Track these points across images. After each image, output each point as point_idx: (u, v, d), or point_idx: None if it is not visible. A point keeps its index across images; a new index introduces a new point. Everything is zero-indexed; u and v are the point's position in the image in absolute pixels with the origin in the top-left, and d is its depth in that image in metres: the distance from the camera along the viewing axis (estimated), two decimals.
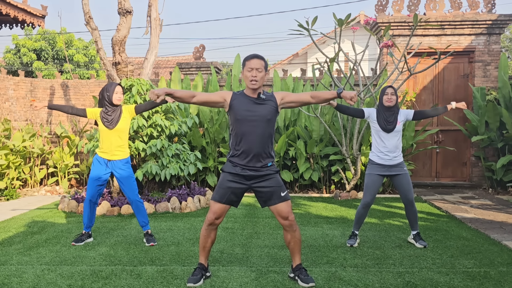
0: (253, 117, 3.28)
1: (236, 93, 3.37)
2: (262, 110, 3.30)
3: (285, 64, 19.53)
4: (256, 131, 3.28)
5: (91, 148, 6.44)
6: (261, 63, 3.28)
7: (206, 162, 8.17)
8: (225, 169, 3.40)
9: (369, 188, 4.44)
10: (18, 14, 8.32)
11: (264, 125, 3.30)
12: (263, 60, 3.31)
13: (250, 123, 3.28)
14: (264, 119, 3.29)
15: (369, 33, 7.18)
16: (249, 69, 3.28)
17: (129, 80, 6.63)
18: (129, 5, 6.92)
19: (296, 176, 8.23)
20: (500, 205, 6.73)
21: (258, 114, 3.29)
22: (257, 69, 3.27)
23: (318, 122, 7.94)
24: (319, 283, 3.43)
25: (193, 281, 3.37)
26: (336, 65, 13.47)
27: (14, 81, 9.46)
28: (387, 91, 4.41)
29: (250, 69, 3.28)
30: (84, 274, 3.64)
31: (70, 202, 6.45)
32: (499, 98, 8.14)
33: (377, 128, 4.42)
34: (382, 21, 8.50)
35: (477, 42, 8.58)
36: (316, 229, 5.23)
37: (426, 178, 8.87)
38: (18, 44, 18.38)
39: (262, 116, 3.29)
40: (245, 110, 3.29)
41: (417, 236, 4.53)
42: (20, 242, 4.70)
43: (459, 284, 3.39)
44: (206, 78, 9.24)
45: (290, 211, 3.36)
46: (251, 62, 3.28)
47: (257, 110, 3.29)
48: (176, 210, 6.37)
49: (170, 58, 21.90)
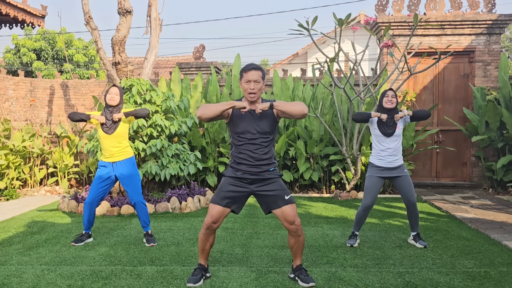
0: (253, 130, 3.26)
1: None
2: (262, 124, 3.27)
3: (285, 64, 19.52)
4: (257, 143, 3.26)
5: (91, 148, 6.44)
6: (258, 74, 3.22)
7: (206, 162, 8.16)
8: (226, 174, 3.38)
9: (369, 191, 4.44)
10: (18, 14, 8.32)
11: (264, 137, 3.28)
12: (260, 71, 3.25)
13: (250, 136, 3.26)
14: (263, 131, 3.27)
15: (369, 33, 7.18)
16: (247, 81, 3.22)
17: (129, 80, 6.63)
18: (129, 5, 6.92)
19: (296, 176, 8.22)
20: (500, 205, 6.72)
21: (258, 128, 3.26)
22: (255, 80, 3.21)
23: (318, 122, 7.94)
24: (319, 283, 3.42)
25: (193, 281, 3.36)
26: (336, 65, 13.48)
27: (14, 81, 9.45)
28: (387, 93, 4.45)
29: (247, 81, 3.22)
30: (84, 274, 3.63)
31: (70, 202, 6.45)
32: (499, 98, 8.13)
33: (377, 133, 4.43)
34: (382, 21, 8.49)
35: (477, 42, 8.58)
36: (316, 229, 5.22)
37: (426, 178, 8.86)
38: (18, 44, 18.37)
39: (262, 129, 3.27)
40: (245, 123, 3.26)
41: (417, 237, 4.53)
42: (20, 242, 4.69)
43: (459, 284, 3.39)
44: (206, 78, 9.23)
45: (295, 214, 3.30)
46: (248, 74, 3.22)
47: (256, 124, 3.26)
48: (176, 210, 6.36)
49: (170, 58, 21.90)
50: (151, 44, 7.40)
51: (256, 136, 3.26)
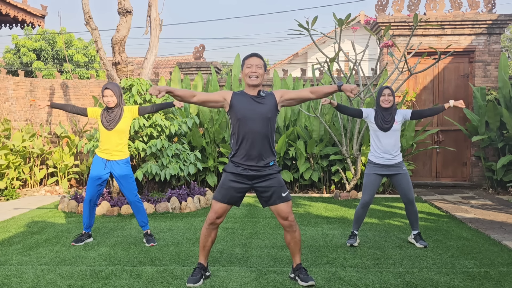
0: (254, 115, 3.28)
1: (236, 93, 3.38)
2: (262, 109, 3.31)
3: (285, 64, 19.52)
4: (257, 130, 3.28)
5: (91, 148, 6.44)
6: (260, 61, 3.34)
7: (206, 162, 8.16)
8: (227, 169, 3.41)
9: (367, 188, 4.45)
10: (18, 14, 8.32)
11: (265, 124, 3.30)
12: (262, 59, 3.37)
13: (250, 122, 3.28)
14: (264, 117, 3.30)
15: (369, 33, 7.18)
16: (248, 66, 3.31)
17: (129, 80, 6.63)
18: (129, 5, 6.92)
19: (296, 176, 8.22)
20: (500, 205, 6.72)
21: (258, 113, 3.29)
22: (257, 65, 3.31)
23: (318, 122, 7.94)
24: (319, 283, 3.42)
25: (193, 281, 3.37)
26: (336, 65, 13.47)
27: (14, 81, 9.46)
28: (384, 92, 4.41)
29: (249, 65, 3.31)
30: (84, 274, 3.63)
31: (70, 202, 6.45)
32: (499, 98, 8.13)
33: (375, 128, 4.43)
34: (382, 21, 8.49)
35: (477, 42, 8.58)
36: (316, 229, 5.22)
37: (426, 178, 8.86)
38: (18, 44, 18.37)
39: (262, 114, 3.29)
40: (246, 109, 3.29)
41: (418, 236, 4.53)
42: (20, 242, 4.69)
43: (459, 284, 3.39)
44: (206, 78, 9.23)
45: (290, 211, 3.36)
46: (250, 60, 3.33)
47: (257, 108, 3.30)
48: (176, 210, 6.36)
49: (170, 58, 21.90)
50: (151, 44, 7.40)
51: (257, 122, 3.28)
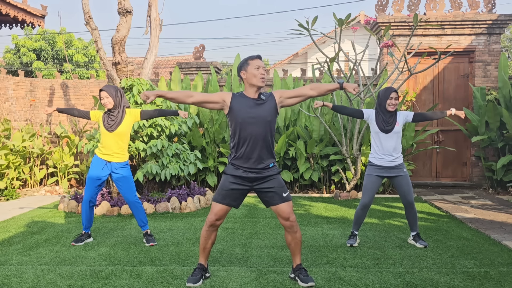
0: (254, 120, 3.28)
1: (236, 95, 3.37)
2: (263, 112, 3.30)
3: (285, 64, 19.52)
4: (257, 133, 3.28)
5: (91, 148, 6.44)
6: (263, 63, 3.39)
7: (206, 162, 8.16)
8: (227, 172, 3.40)
9: (367, 189, 4.44)
10: (18, 14, 8.32)
11: (265, 127, 3.30)
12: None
13: (250, 126, 3.27)
14: (264, 120, 3.30)
15: (369, 33, 7.18)
16: (256, 67, 3.32)
17: (129, 80, 6.63)
18: (129, 5, 6.91)
19: (296, 176, 8.22)
20: (500, 205, 6.72)
21: (259, 116, 3.29)
22: (263, 67, 3.36)
23: (318, 122, 7.94)
24: (319, 283, 3.42)
25: (193, 281, 3.37)
26: (336, 65, 13.47)
27: (14, 81, 9.45)
28: (391, 96, 4.30)
29: (257, 66, 3.32)
30: (84, 274, 3.63)
31: (70, 202, 6.45)
32: (499, 98, 8.13)
33: (376, 129, 4.41)
34: (382, 21, 8.49)
35: (477, 42, 8.58)
36: (316, 229, 5.22)
37: (426, 178, 8.86)
38: (18, 44, 18.37)
39: (262, 118, 3.29)
40: (245, 112, 3.28)
41: (417, 237, 4.53)
42: (20, 242, 4.69)
43: (459, 284, 3.39)
44: (206, 78, 9.23)
45: (291, 211, 3.36)
46: (256, 61, 3.35)
47: (257, 112, 3.29)
48: (176, 210, 6.36)
49: (170, 58, 21.89)
50: (151, 44, 7.40)
51: (257, 125, 3.28)
